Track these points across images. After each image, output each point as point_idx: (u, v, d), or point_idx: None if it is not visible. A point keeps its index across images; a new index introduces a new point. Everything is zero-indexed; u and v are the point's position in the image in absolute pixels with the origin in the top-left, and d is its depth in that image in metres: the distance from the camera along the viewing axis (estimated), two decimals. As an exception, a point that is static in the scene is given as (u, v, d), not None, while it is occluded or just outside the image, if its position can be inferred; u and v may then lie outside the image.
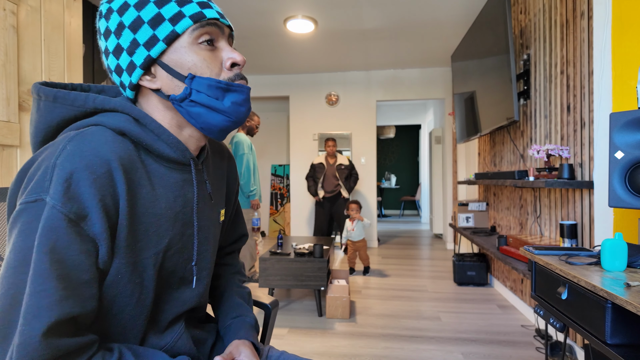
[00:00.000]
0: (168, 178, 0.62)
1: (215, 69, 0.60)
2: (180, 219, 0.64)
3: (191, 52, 0.58)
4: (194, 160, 0.66)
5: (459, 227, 3.43)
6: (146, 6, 0.57)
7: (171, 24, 0.57)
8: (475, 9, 3.17)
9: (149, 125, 0.60)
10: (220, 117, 0.61)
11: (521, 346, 2.15)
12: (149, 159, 0.61)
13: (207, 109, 0.60)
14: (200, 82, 0.58)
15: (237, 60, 0.61)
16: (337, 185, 4.42)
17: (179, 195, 0.64)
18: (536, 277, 1.46)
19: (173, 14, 0.57)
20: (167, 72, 0.59)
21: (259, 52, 4.29)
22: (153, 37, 0.57)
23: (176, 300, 0.67)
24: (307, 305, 2.86)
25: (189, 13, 0.58)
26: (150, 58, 0.58)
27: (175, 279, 0.67)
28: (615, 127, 1.18)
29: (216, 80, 0.59)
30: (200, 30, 0.59)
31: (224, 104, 0.60)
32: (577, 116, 1.96)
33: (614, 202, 1.20)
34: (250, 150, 3.41)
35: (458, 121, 3.69)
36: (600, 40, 1.72)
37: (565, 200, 2.08)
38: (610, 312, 1.00)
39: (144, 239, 0.59)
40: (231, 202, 0.86)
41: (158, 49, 0.57)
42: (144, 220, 0.58)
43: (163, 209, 0.61)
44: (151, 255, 0.60)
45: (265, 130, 6.28)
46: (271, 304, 0.97)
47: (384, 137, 8.71)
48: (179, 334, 0.68)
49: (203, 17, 0.58)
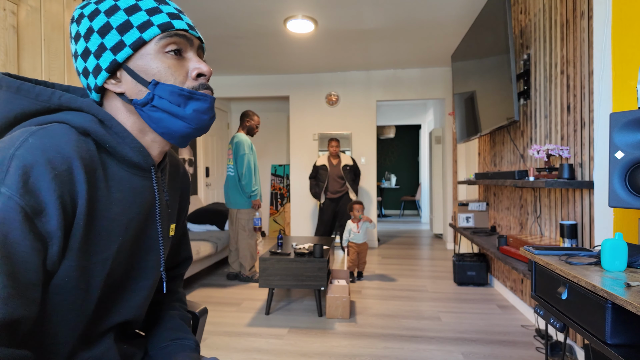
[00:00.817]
0: (127, 182, 0.62)
1: (180, 77, 0.61)
2: (134, 225, 0.63)
3: (157, 59, 0.60)
4: (155, 167, 0.65)
5: (459, 227, 3.43)
6: (116, 13, 0.59)
7: (139, 31, 0.59)
8: (475, 9, 3.17)
9: (114, 128, 0.60)
10: (181, 123, 0.62)
11: (521, 346, 2.15)
12: (110, 161, 0.61)
13: (168, 115, 0.61)
14: (163, 88, 0.60)
15: (202, 71, 0.63)
16: (342, 186, 4.40)
17: (135, 202, 0.63)
18: (536, 277, 1.46)
19: (142, 22, 0.59)
20: (132, 77, 0.60)
21: (259, 52, 4.29)
22: (120, 42, 0.59)
23: (113, 311, 0.64)
24: (307, 305, 2.86)
25: (158, 22, 0.60)
26: (116, 62, 0.59)
27: (118, 288, 0.64)
28: (615, 127, 1.18)
29: (179, 87, 0.60)
30: (168, 40, 0.60)
31: (185, 110, 0.61)
32: (577, 116, 1.96)
33: (614, 202, 1.19)
34: (250, 150, 3.41)
35: (458, 121, 3.68)
36: (600, 40, 1.72)
37: (565, 200, 2.08)
38: (610, 312, 1.00)
39: (95, 243, 0.57)
40: (181, 219, 0.84)
41: (124, 54, 0.59)
42: (97, 223, 0.57)
43: (116, 213, 0.60)
44: (100, 260, 0.58)
45: (265, 130, 6.28)
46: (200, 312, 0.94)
47: (384, 137, 8.71)
48: (107, 346, 0.64)
49: (171, 27, 0.60)
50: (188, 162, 4.70)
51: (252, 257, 3.47)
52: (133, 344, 0.74)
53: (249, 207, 3.43)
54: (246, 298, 3.05)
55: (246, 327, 2.47)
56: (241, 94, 5.33)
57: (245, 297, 3.06)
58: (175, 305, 0.84)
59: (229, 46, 4.10)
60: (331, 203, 4.41)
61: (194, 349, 0.77)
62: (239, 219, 3.42)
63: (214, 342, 2.24)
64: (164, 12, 0.61)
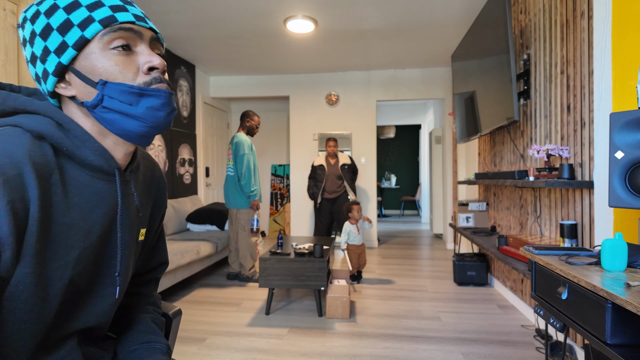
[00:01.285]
0: (88, 187, 0.60)
1: (130, 74, 0.58)
2: (97, 231, 0.60)
3: (103, 57, 0.57)
4: (119, 171, 0.63)
5: (459, 227, 3.43)
6: (55, 13, 0.56)
7: (80, 30, 0.56)
8: (475, 9, 3.17)
9: (73, 131, 0.58)
10: (136, 122, 0.58)
11: (521, 346, 2.15)
12: (69, 165, 0.58)
13: (121, 115, 0.58)
14: (112, 87, 0.57)
15: (154, 64, 0.59)
16: (339, 186, 4.39)
17: (98, 207, 0.61)
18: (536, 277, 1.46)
19: (82, 19, 0.56)
20: (80, 78, 0.57)
21: (259, 52, 4.29)
22: (63, 43, 0.56)
23: (74, 317, 0.62)
24: (307, 305, 2.86)
25: (99, 17, 0.56)
26: (62, 65, 0.57)
27: (81, 295, 0.62)
28: (615, 127, 1.18)
29: (128, 85, 0.57)
30: (112, 35, 0.57)
31: (137, 109, 0.58)
32: (577, 116, 1.96)
33: (614, 202, 1.19)
34: (250, 150, 3.41)
35: (458, 121, 3.68)
36: (600, 40, 1.72)
37: (565, 200, 2.08)
38: (610, 312, 1.00)
39: (51, 249, 0.55)
40: (155, 224, 0.81)
41: (68, 55, 0.56)
42: (53, 228, 0.55)
43: (75, 219, 0.57)
44: (57, 267, 0.56)
45: (265, 130, 6.28)
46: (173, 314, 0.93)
47: (384, 137, 8.71)
48: (69, 349, 0.62)
49: (114, 21, 0.57)
50: (188, 162, 4.71)
51: (252, 257, 3.47)
52: (101, 346, 0.72)
53: (248, 207, 3.43)
54: (246, 298, 3.05)
55: (246, 327, 2.47)
56: (241, 94, 5.33)
57: (245, 297, 3.06)
58: (149, 308, 0.82)
59: (229, 46, 4.10)
60: (328, 203, 4.39)
61: (165, 352, 0.75)
62: (238, 219, 3.42)
63: (214, 342, 2.24)
64: (106, 5, 0.57)
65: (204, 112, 5.18)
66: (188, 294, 3.17)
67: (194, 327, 2.47)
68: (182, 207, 4.07)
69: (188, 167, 4.72)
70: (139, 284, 0.83)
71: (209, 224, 4.00)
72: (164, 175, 0.83)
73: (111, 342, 0.76)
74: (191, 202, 4.37)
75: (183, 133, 4.59)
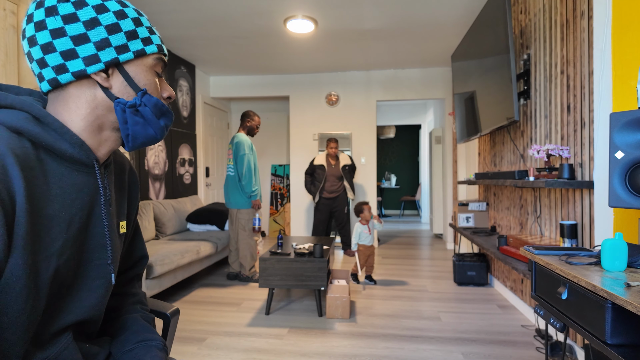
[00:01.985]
0: (67, 179, 0.61)
1: (156, 94, 0.69)
2: (77, 222, 0.62)
3: (148, 73, 0.68)
4: (98, 162, 0.66)
5: (459, 227, 3.43)
6: (125, 19, 0.64)
7: (142, 44, 0.66)
8: (475, 9, 3.17)
9: (50, 125, 0.60)
10: (152, 131, 0.68)
11: (521, 346, 2.15)
12: (48, 158, 0.60)
13: (145, 122, 0.67)
14: (149, 98, 0.67)
15: (171, 95, 0.73)
16: (340, 186, 4.41)
17: (77, 198, 0.63)
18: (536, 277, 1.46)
19: (145, 36, 0.67)
20: (125, 79, 0.65)
21: (259, 52, 4.29)
22: (125, 46, 0.64)
23: (61, 311, 0.63)
24: (307, 305, 2.86)
25: (156, 42, 0.69)
26: (117, 60, 0.64)
27: (67, 287, 0.63)
28: (615, 127, 1.18)
29: (162, 102, 0.69)
30: (160, 63, 0.70)
31: (159, 122, 0.69)
32: (577, 116, 1.96)
33: (614, 202, 1.19)
34: (251, 150, 3.41)
35: (458, 121, 3.68)
36: (600, 40, 1.72)
37: (565, 200, 2.08)
38: (610, 312, 1.00)
39: (37, 240, 0.56)
40: (132, 217, 0.83)
41: (126, 56, 0.64)
42: (38, 220, 0.57)
43: (57, 210, 0.59)
44: (44, 257, 0.57)
45: (265, 130, 6.28)
46: (171, 313, 0.93)
47: (384, 137, 8.71)
48: (65, 344, 0.63)
49: (163, 51, 0.71)
50: (188, 162, 4.71)
51: (252, 257, 3.47)
52: (96, 343, 0.73)
53: (249, 207, 3.43)
54: (246, 298, 3.05)
55: (246, 327, 2.47)
56: (241, 94, 5.33)
57: (245, 297, 3.06)
58: (136, 307, 0.83)
59: (229, 46, 4.10)
60: (327, 202, 4.41)
61: (162, 349, 0.77)
62: (239, 219, 3.42)
63: (214, 342, 2.24)
64: (157, 34, 0.71)
65: (204, 112, 5.18)
66: (188, 294, 3.17)
67: (194, 327, 2.47)
68: (182, 207, 4.07)
69: (188, 167, 4.72)
70: (121, 283, 0.84)
71: (209, 224, 4.00)
72: (134, 169, 0.86)
73: (106, 339, 0.77)
74: (191, 202, 4.37)
75: (183, 133, 4.59)
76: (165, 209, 3.79)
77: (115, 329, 0.79)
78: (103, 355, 0.73)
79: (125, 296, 0.84)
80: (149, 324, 0.81)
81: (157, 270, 2.68)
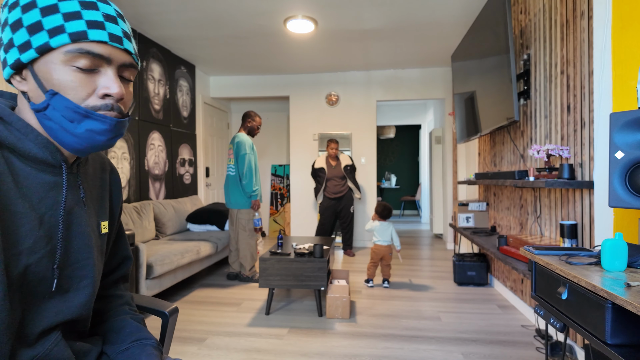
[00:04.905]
0: (34, 178, 0.60)
1: (83, 93, 0.58)
2: (47, 221, 0.61)
3: (61, 70, 0.57)
4: (66, 163, 0.64)
5: (459, 227, 3.43)
6: (31, 10, 0.56)
7: (47, 36, 0.56)
8: (475, 9, 3.17)
9: (14, 124, 0.59)
10: (72, 138, 0.60)
11: (521, 346, 2.15)
12: (13, 157, 0.59)
13: (60, 127, 0.59)
14: (59, 101, 0.57)
15: (110, 92, 0.59)
16: (343, 185, 4.43)
17: (45, 197, 0.61)
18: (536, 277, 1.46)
19: (53, 26, 0.56)
20: (34, 79, 0.58)
21: (259, 52, 4.29)
22: (27, 42, 0.56)
23: (47, 311, 0.62)
24: (307, 305, 2.86)
25: (70, 30, 0.56)
26: (20, 62, 0.57)
27: (45, 287, 0.62)
28: (615, 127, 1.18)
29: (75, 104, 0.58)
30: (76, 55, 0.57)
31: (78, 128, 0.59)
32: (577, 116, 1.96)
33: (614, 202, 1.19)
34: (252, 150, 3.41)
35: (458, 121, 3.68)
36: (600, 40, 1.72)
37: (565, 200, 2.08)
38: (610, 312, 1.00)
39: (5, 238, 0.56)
40: (115, 217, 0.81)
41: (28, 55, 0.57)
42: (4, 216, 0.56)
43: (25, 208, 0.58)
44: (11, 255, 0.56)
45: (265, 131, 6.28)
46: (170, 312, 0.93)
47: (384, 137, 8.71)
48: (54, 342, 0.63)
49: (84, 38, 0.56)
50: (188, 162, 4.71)
51: (252, 257, 3.47)
52: (87, 341, 0.73)
53: (249, 207, 3.43)
54: (246, 298, 3.05)
55: (246, 327, 2.47)
56: (241, 94, 5.33)
57: (246, 297, 3.06)
58: (125, 309, 0.83)
59: (229, 46, 4.10)
60: (332, 202, 4.42)
61: (156, 348, 0.77)
62: (239, 219, 3.42)
63: (214, 342, 2.24)
64: (84, 18, 0.57)
65: (204, 112, 5.18)
66: (188, 294, 3.17)
67: (194, 327, 2.47)
68: (182, 207, 4.07)
69: (188, 167, 4.71)
70: (107, 286, 0.83)
71: (209, 224, 4.00)
72: (115, 168, 0.84)
73: (98, 337, 0.76)
74: (191, 202, 4.37)
75: (183, 133, 4.59)
76: (165, 209, 3.79)
77: (106, 331, 0.78)
78: (95, 353, 0.73)
79: (111, 298, 0.83)
80: (140, 324, 0.81)
81: (157, 270, 2.68)
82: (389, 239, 3.29)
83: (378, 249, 3.29)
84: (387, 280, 3.34)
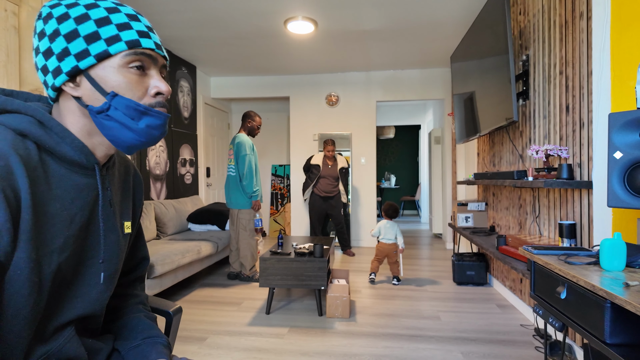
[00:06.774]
0: (68, 180, 0.64)
1: (139, 92, 0.64)
2: (77, 221, 0.65)
3: (118, 73, 0.62)
4: (98, 165, 0.68)
5: (458, 227, 3.44)
6: (86, 22, 0.61)
7: (106, 44, 0.61)
8: (474, 9, 3.18)
9: (53, 129, 0.63)
10: (132, 135, 0.64)
11: (520, 345, 2.16)
12: (50, 160, 0.63)
13: (120, 125, 0.63)
14: (120, 101, 0.62)
15: (161, 90, 0.66)
16: (335, 187, 4.43)
17: (78, 198, 0.65)
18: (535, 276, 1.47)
19: (110, 35, 0.61)
20: (91, 84, 0.62)
21: (259, 53, 4.30)
22: (85, 50, 0.61)
23: (67, 306, 0.65)
24: (307, 304, 2.87)
25: (126, 39, 0.62)
26: (78, 68, 0.61)
27: (68, 283, 0.65)
28: (614, 128, 1.19)
29: (135, 102, 0.63)
30: (133, 57, 0.63)
31: (138, 124, 0.64)
32: (576, 116, 1.97)
33: (613, 202, 1.20)
34: (252, 150, 3.41)
35: (457, 121, 3.69)
36: (599, 41, 1.73)
37: (564, 200, 2.09)
38: (609, 312, 1.00)
39: (39, 237, 0.59)
40: (136, 218, 0.85)
41: (87, 62, 0.61)
42: (41, 217, 0.59)
43: (58, 209, 0.62)
44: (46, 253, 0.60)
45: (265, 131, 6.28)
46: (174, 311, 0.94)
47: (383, 137, 8.71)
48: (67, 337, 0.65)
49: (138, 45, 0.63)
50: (189, 162, 4.71)
51: (252, 257, 3.48)
52: (100, 339, 0.75)
53: (249, 208, 3.44)
54: (247, 298, 3.05)
55: (247, 326, 2.47)
56: (242, 95, 5.34)
57: (246, 297, 3.07)
58: (139, 307, 0.86)
59: (230, 47, 4.10)
60: (319, 201, 4.43)
61: (166, 346, 0.79)
62: (240, 219, 3.42)
63: (214, 341, 2.25)
64: (134, 29, 0.63)
65: (205, 113, 5.18)
66: (189, 294, 3.17)
67: (194, 326, 2.48)
68: (183, 207, 4.08)
69: (189, 167, 4.72)
70: (124, 285, 0.86)
71: (210, 224, 4.00)
72: (138, 171, 0.88)
73: (109, 336, 0.79)
74: (192, 202, 4.38)
75: (184, 133, 4.59)
76: (167, 209, 3.80)
77: (119, 328, 0.81)
78: (106, 351, 0.75)
79: (128, 297, 0.86)
80: (153, 323, 0.83)
81: (158, 269, 2.68)
82: (393, 237, 3.39)
83: (382, 247, 3.40)
84: (396, 278, 3.41)
